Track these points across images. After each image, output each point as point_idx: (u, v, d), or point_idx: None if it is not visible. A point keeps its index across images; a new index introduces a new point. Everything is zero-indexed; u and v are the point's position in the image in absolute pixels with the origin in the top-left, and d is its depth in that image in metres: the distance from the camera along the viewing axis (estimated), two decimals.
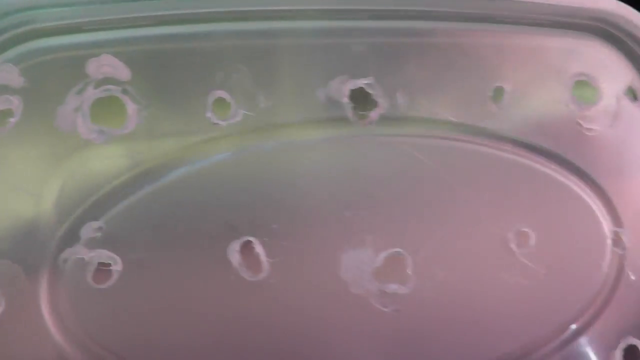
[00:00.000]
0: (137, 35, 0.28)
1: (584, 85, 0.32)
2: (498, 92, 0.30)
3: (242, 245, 0.27)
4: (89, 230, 0.27)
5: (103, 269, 0.27)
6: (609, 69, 0.32)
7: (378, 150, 0.29)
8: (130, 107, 0.27)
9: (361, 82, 0.29)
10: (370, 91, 0.29)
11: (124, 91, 0.27)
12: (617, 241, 0.32)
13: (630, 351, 0.31)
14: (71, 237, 0.27)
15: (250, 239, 0.28)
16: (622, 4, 0.32)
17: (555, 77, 0.31)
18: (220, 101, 0.28)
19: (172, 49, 0.28)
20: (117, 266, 0.27)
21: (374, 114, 0.29)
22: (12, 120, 0.26)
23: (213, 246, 0.27)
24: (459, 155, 0.30)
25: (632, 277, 0.32)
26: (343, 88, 0.29)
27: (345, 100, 0.29)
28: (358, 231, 0.28)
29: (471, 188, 0.30)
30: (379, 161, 0.29)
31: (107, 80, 0.27)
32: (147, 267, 0.27)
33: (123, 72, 0.27)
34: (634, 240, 0.32)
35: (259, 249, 0.27)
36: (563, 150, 0.31)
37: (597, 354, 0.31)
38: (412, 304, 0.29)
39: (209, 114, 0.28)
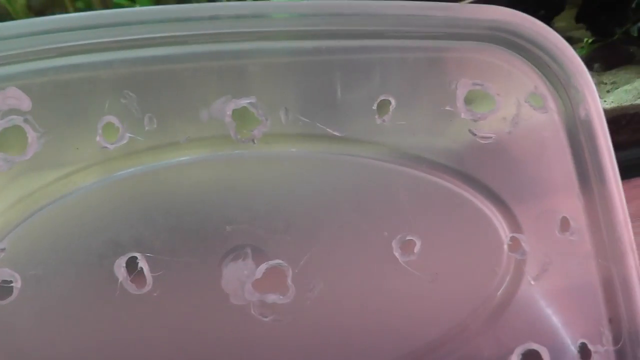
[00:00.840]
0: (38, 67, 0.30)
1: (478, 94, 0.32)
2: (383, 106, 0.31)
3: (127, 261, 0.29)
4: None
5: (4, 286, 0.29)
6: (508, 76, 0.32)
7: (261, 166, 0.31)
8: (31, 135, 0.30)
9: (244, 102, 0.31)
10: (253, 110, 0.31)
11: (26, 120, 0.30)
12: (515, 247, 0.32)
13: (529, 356, 0.31)
14: None
15: (135, 254, 0.29)
16: (517, 12, 0.32)
17: (447, 87, 0.31)
18: (109, 126, 0.30)
19: (68, 79, 0.30)
20: (17, 283, 0.29)
21: (257, 132, 0.31)
22: None
23: (101, 262, 0.29)
24: (344, 169, 0.31)
25: (532, 282, 0.32)
26: (226, 108, 0.31)
27: (228, 119, 0.30)
28: (239, 244, 0.30)
29: (355, 200, 0.31)
30: (261, 177, 0.31)
31: (12, 111, 0.30)
32: (44, 284, 0.29)
33: (25, 102, 0.30)
34: (534, 246, 0.32)
35: (142, 264, 0.29)
36: (455, 161, 0.32)
37: (494, 357, 0.31)
38: (293, 313, 0.30)
39: (98, 138, 0.30)
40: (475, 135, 0.32)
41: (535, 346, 0.31)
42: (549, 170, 0.33)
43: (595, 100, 0.33)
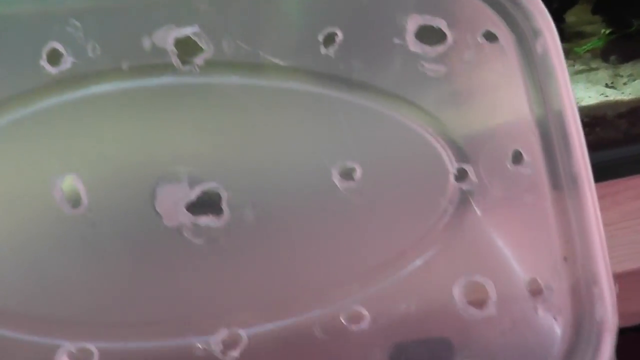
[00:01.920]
0: None
1: (429, 29, 0.31)
2: (330, 37, 0.30)
3: (64, 182, 0.30)
4: None
5: None
6: (461, 12, 0.31)
7: (202, 93, 0.30)
8: None
9: (187, 31, 0.30)
10: (195, 39, 0.30)
11: None
12: (462, 178, 0.31)
13: (471, 285, 0.30)
14: None
15: (72, 174, 0.30)
16: None
17: (397, 21, 0.31)
18: (54, 52, 0.30)
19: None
20: None
21: (199, 60, 0.30)
22: None
23: (36, 181, 0.29)
24: (286, 97, 0.31)
25: (479, 213, 0.31)
26: (168, 36, 0.30)
27: (170, 47, 0.30)
28: (173, 166, 0.30)
29: (296, 128, 0.30)
30: (203, 104, 0.30)
31: None
32: None
33: None
34: (484, 178, 0.31)
35: (78, 184, 0.30)
36: (403, 92, 0.31)
37: (437, 287, 0.30)
38: (227, 237, 0.29)
39: (42, 62, 0.30)
40: (424, 67, 0.31)
41: (480, 278, 0.30)
42: (501, 104, 0.32)
43: (554, 37, 0.31)
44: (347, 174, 0.30)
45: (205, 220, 0.29)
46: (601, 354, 0.31)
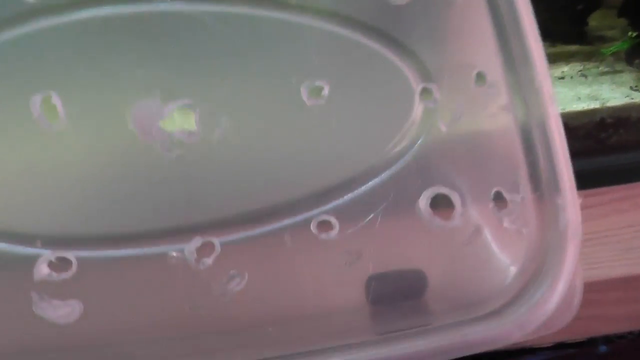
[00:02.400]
0: None
1: None
2: None
3: (42, 99, 0.31)
4: None
5: None
6: None
7: (177, 19, 0.32)
8: None
9: None
10: None
11: None
12: (426, 95, 0.32)
13: (437, 199, 0.31)
14: None
15: (51, 92, 0.31)
16: None
17: None
18: None
19: None
20: None
21: None
22: None
23: (15, 99, 0.31)
24: (255, 23, 0.32)
25: (443, 129, 0.32)
26: None
27: None
28: (147, 84, 0.31)
29: (265, 51, 0.32)
30: (177, 28, 0.32)
31: None
32: None
33: None
34: (447, 97, 0.32)
35: (56, 100, 0.31)
36: (367, 17, 0.32)
37: (403, 200, 0.32)
38: (199, 151, 0.31)
39: None
40: None
41: (445, 190, 0.31)
42: (465, 26, 0.33)
43: None
44: (315, 92, 0.31)
45: (179, 135, 0.31)
46: (566, 264, 0.31)
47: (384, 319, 0.30)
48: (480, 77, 0.32)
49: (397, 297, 0.32)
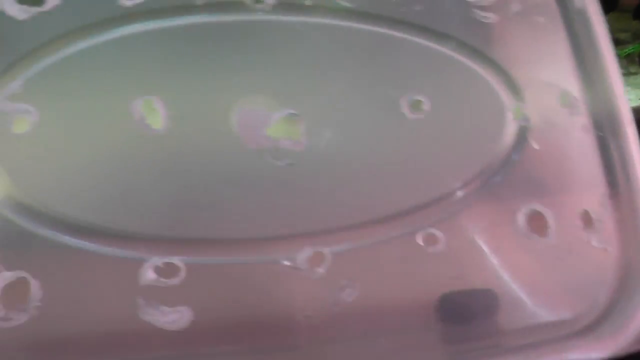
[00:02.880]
0: None
1: None
2: None
3: (144, 103, 0.30)
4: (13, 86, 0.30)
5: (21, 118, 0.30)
6: None
7: (274, 32, 0.32)
8: None
9: None
10: None
11: None
12: (518, 114, 0.33)
13: (533, 214, 0.32)
14: None
15: (152, 97, 0.30)
16: None
17: None
18: None
19: None
20: (34, 116, 0.30)
21: (270, 0, 0.32)
22: None
23: (117, 104, 0.30)
24: (354, 37, 0.33)
25: (536, 147, 0.33)
26: None
27: None
28: (253, 93, 0.31)
29: (365, 65, 0.32)
30: (273, 41, 0.32)
31: None
32: (61, 118, 0.30)
33: None
34: (536, 114, 0.34)
35: (158, 105, 0.30)
36: (461, 34, 0.33)
37: (501, 214, 0.32)
38: (305, 160, 0.30)
39: None
40: (478, 14, 0.34)
41: (539, 207, 0.32)
42: (548, 47, 0.35)
43: None
44: (416, 106, 0.32)
45: (285, 144, 0.30)
46: None
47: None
48: (564, 96, 0.34)
49: (468, 316, 0.32)
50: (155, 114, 0.30)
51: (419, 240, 0.31)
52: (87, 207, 0.29)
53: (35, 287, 0.28)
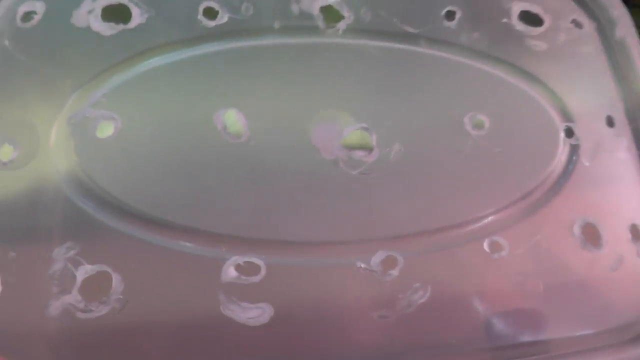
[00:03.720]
0: None
1: (531, 14, 0.37)
2: (450, 13, 0.36)
3: (227, 114, 0.32)
4: (97, 95, 0.32)
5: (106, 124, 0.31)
6: (552, 3, 0.37)
7: (344, 54, 0.34)
8: (135, 11, 0.33)
9: (330, 0, 0.35)
10: (337, 8, 0.35)
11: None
12: (569, 133, 0.36)
13: (587, 227, 0.34)
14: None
15: (234, 109, 0.32)
16: None
17: (504, 5, 0.36)
18: (209, 9, 0.34)
19: None
20: (118, 123, 0.31)
21: (341, 25, 0.34)
22: (35, 17, 0.33)
23: (202, 113, 0.32)
24: (417, 61, 0.35)
25: (586, 164, 0.35)
26: (313, 3, 0.35)
27: (316, 12, 0.34)
28: (328, 108, 0.33)
29: (427, 86, 0.34)
30: (343, 64, 0.34)
31: None
32: (145, 124, 0.31)
33: None
34: (586, 134, 0.36)
35: (240, 117, 0.32)
36: (515, 60, 0.36)
37: (556, 228, 0.34)
38: (377, 170, 0.32)
39: (199, 17, 0.34)
40: (529, 43, 0.36)
41: (592, 220, 0.34)
42: (592, 76, 0.37)
43: (630, 26, 0.38)
44: (478, 124, 0.34)
45: (359, 154, 0.32)
46: None
47: None
48: (610, 120, 0.36)
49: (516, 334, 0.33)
50: (237, 125, 0.32)
51: (485, 246, 0.32)
52: (171, 208, 0.30)
53: (116, 280, 0.29)
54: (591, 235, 0.34)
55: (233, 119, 0.32)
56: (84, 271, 0.29)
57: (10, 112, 0.31)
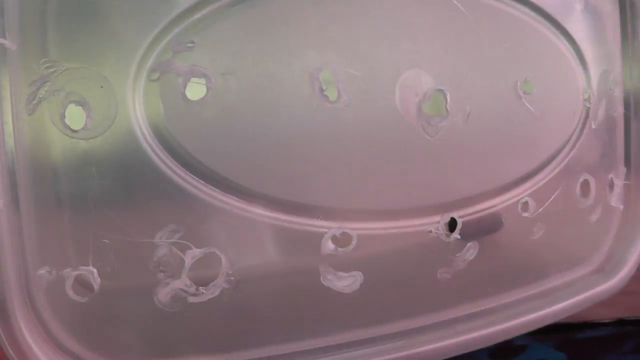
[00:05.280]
0: None
1: None
2: None
3: (323, 73, 0.30)
4: (180, 43, 0.28)
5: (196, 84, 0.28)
6: None
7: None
8: None
9: None
10: None
11: None
12: (586, 95, 0.40)
13: (584, 184, 0.40)
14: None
15: (329, 68, 0.30)
16: None
17: None
18: None
19: None
20: (209, 82, 0.28)
21: None
22: None
23: (299, 71, 0.29)
24: (490, 13, 0.35)
25: (594, 126, 0.40)
26: None
27: None
28: (411, 67, 0.32)
29: (494, 40, 0.35)
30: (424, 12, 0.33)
31: None
32: (235, 82, 0.28)
33: None
34: (596, 98, 0.40)
35: (335, 76, 0.30)
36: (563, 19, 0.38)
37: (564, 183, 0.39)
38: (449, 134, 0.34)
39: None
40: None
41: (588, 177, 0.40)
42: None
43: None
44: (527, 87, 0.36)
45: (435, 120, 0.33)
46: None
47: None
48: (614, 82, 0.41)
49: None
50: (332, 86, 0.30)
51: (519, 208, 0.37)
52: (271, 182, 0.29)
53: (224, 262, 0.29)
54: (585, 190, 0.40)
55: (329, 80, 0.30)
56: (191, 255, 0.28)
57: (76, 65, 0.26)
